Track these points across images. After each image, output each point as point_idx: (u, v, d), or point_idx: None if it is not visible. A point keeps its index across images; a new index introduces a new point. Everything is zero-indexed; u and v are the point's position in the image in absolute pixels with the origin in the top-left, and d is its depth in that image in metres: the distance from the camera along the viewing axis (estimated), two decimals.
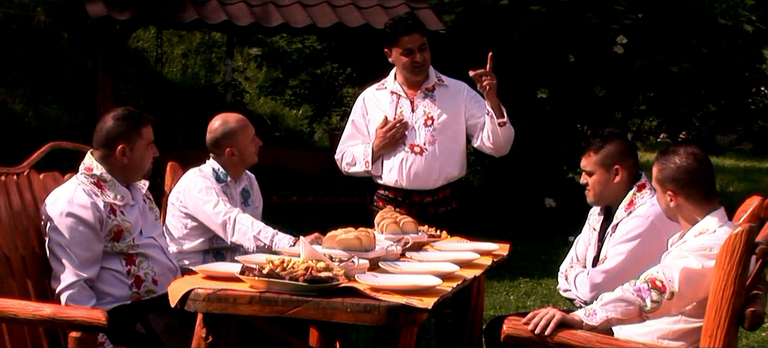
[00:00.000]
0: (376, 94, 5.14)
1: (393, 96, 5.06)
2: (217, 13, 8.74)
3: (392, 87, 5.08)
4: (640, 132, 12.56)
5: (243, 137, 4.63)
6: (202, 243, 4.58)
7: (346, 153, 5.16)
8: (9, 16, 11.11)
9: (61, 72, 11.26)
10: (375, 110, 5.09)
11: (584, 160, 4.17)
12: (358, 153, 5.09)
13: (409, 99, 5.04)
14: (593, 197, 4.18)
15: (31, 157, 4.14)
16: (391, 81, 5.11)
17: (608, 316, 3.31)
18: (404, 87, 5.06)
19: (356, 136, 5.15)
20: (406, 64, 4.97)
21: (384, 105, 5.07)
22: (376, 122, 5.05)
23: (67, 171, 4.16)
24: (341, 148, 5.20)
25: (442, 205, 5.04)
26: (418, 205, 4.99)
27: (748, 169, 16.86)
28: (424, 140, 4.98)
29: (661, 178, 3.55)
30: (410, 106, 5.03)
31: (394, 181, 5.01)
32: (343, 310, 3.00)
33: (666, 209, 3.59)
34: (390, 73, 5.13)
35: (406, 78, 5.06)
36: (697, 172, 3.51)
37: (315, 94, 12.06)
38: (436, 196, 5.03)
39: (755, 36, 10.80)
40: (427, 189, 5.00)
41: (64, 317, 3.35)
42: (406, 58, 4.96)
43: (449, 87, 5.09)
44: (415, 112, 5.02)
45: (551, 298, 7.29)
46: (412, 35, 4.95)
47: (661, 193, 3.58)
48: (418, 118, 5.01)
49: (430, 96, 5.04)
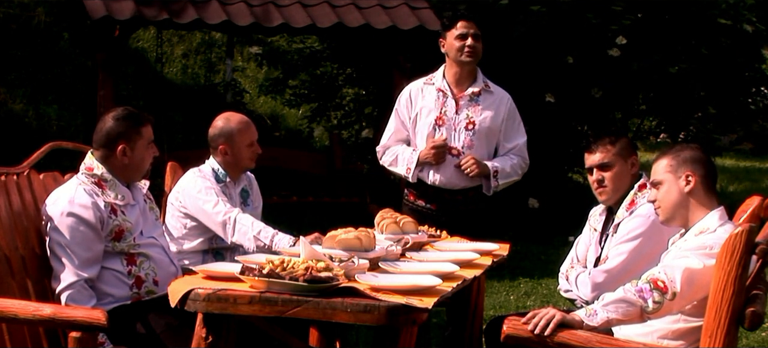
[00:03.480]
0: (423, 89, 5.15)
1: (439, 93, 5.09)
2: (217, 13, 8.74)
3: (440, 84, 5.10)
4: (640, 132, 12.56)
5: (239, 139, 4.61)
6: (201, 243, 4.58)
7: (389, 150, 5.18)
8: (9, 16, 11.11)
9: (61, 72, 11.26)
10: (420, 105, 5.11)
11: (600, 154, 4.12)
12: (403, 157, 5.11)
13: (455, 99, 5.06)
14: (610, 193, 4.12)
15: (31, 157, 4.14)
16: (439, 77, 5.13)
17: (609, 317, 3.31)
18: (452, 86, 5.08)
19: (401, 130, 5.17)
20: (458, 47, 5.02)
21: (429, 101, 5.09)
22: (422, 118, 5.08)
23: (67, 171, 4.16)
24: (385, 142, 5.21)
25: (472, 204, 5.09)
26: (449, 202, 5.04)
27: (748, 169, 16.87)
28: (463, 143, 5.03)
29: (675, 164, 3.50)
30: (455, 107, 5.05)
31: (430, 179, 5.05)
32: (343, 310, 3.00)
33: (676, 198, 3.49)
34: (439, 69, 5.15)
35: (454, 73, 5.08)
36: (708, 162, 3.54)
37: (315, 94, 12.07)
38: (467, 195, 5.07)
39: (755, 36, 10.80)
40: (457, 189, 5.05)
41: (64, 317, 3.35)
42: (459, 42, 5.01)
43: (494, 94, 5.14)
44: (459, 113, 5.05)
45: (551, 298, 7.29)
46: (469, 22, 5.03)
47: (673, 181, 3.50)
48: (461, 120, 5.04)
49: (475, 100, 5.08)
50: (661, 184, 3.54)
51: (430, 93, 5.11)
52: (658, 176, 3.55)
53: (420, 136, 5.09)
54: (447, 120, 5.04)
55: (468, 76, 5.09)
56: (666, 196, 3.53)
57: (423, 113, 5.09)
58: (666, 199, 3.53)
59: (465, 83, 5.08)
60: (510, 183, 5.14)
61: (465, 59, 5.03)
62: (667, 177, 3.52)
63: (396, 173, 5.19)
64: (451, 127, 5.04)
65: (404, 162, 5.10)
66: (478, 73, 5.13)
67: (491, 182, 5.04)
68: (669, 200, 3.52)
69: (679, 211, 3.51)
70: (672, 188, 3.51)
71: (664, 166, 3.53)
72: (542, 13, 9.68)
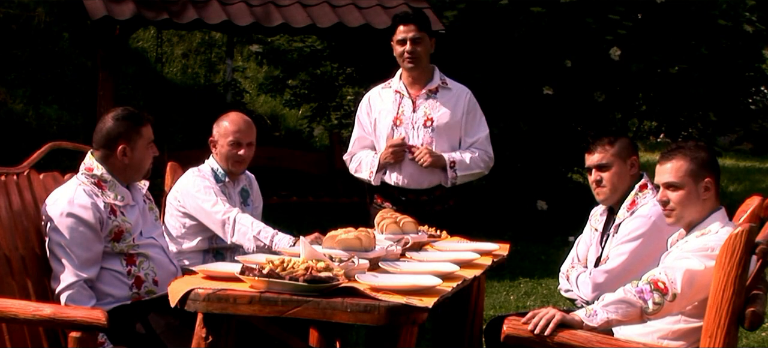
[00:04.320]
0: (381, 93, 5.17)
1: (396, 95, 5.09)
2: (217, 13, 8.75)
3: (396, 86, 5.11)
4: (640, 132, 12.57)
5: (223, 134, 4.60)
6: (200, 242, 4.58)
7: (354, 156, 5.19)
8: (9, 16, 11.11)
9: (61, 72, 11.26)
10: (378, 109, 5.12)
11: (599, 154, 4.11)
12: (366, 161, 5.12)
13: (411, 99, 5.05)
14: (608, 193, 4.11)
15: (31, 157, 4.14)
16: (396, 80, 5.14)
17: (609, 317, 3.31)
18: (408, 86, 5.08)
19: (363, 136, 5.18)
20: (399, 53, 5.02)
21: (387, 104, 5.10)
22: (380, 121, 5.08)
23: (67, 171, 4.16)
24: (351, 150, 5.23)
25: (439, 203, 5.06)
26: (414, 204, 5.00)
27: (748, 169, 16.86)
28: (422, 141, 5.01)
29: (695, 169, 3.45)
30: (412, 106, 5.05)
31: (394, 180, 5.04)
32: (343, 310, 3.00)
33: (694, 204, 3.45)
34: (397, 72, 5.15)
35: (407, 75, 5.07)
36: (718, 163, 3.54)
37: (315, 94, 12.06)
38: (433, 194, 5.05)
39: (755, 36, 10.80)
40: (422, 188, 5.03)
41: (64, 317, 3.35)
42: (399, 47, 5.01)
43: (452, 90, 5.11)
44: (416, 112, 5.04)
45: (551, 298, 7.29)
46: (408, 25, 4.99)
47: (692, 187, 3.45)
48: (418, 118, 5.03)
49: (432, 97, 5.06)
50: (678, 188, 3.48)
51: (388, 96, 5.11)
52: (674, 179, 3.48)
53: (381, 139, 5.09)
54: (404, 119, 5.03)
55: (422, 76, 5.08)
56: (684, 200, 3.47)
57: (381, 116, 5.09)
58: (685, 204, 3.48)
59: (420, 83, 5.07)
60: (472, 176, 5.09)
61: (406, 65, 5.03)
62: (687, 182, 3.47)
63: (362, 179, 5.18)
64: (409, 125, 5.03)
65: (367, 166, 5.10)
66: (435, 72, 5.11)
67: (449, 174, 4.99)
68: (688, 205, 3.48)
69: (691, 215, 3.49)
70: (692, 194, 3.47)
71: (684, 170, 3.47)
72: (542, 14, 9.68)
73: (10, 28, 11.04)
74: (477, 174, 5.12)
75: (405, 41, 4.99)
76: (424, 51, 5.03)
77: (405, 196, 5.04)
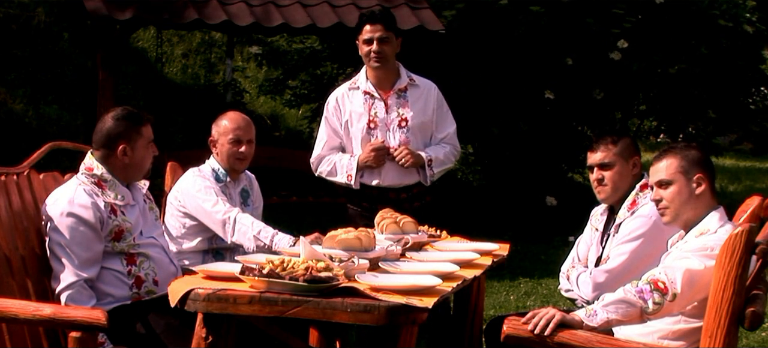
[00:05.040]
0: (349, 94, 5.12)
1: (366, 96, 5.06)
2: (217, 13, 8.75)
3: (365, 87, 5.07)
4: (640, 132, 12.57)
5: (223, 132, 4.61)
6: (200, 242, 4.58)
7: (324, 159, 5.12)
8: (9, 16, 11.11)
9: (61, 72, 11.26)
10: (349, 110, 5.08)
11: (601, 153, 4.11)
12: (341, 164, 5.07)
13: (382, 100, 5.04)
14: (609, 192, 4.11)
15: (31, 157, 4.14)
16: (363, 80, 5.09)
17: (609, 317, 3.31)
18: (376, 86, 5.06)
19: (333, 138, 5.12)
20: (365, 53, 5.00)
21: (357, 105, 5.06)
22: (353, 123, 5.05)
23: (67, 171, 4.16)
24: (319, 153, 5.15)
25: (417, 200, 5.08)
26: (394, 202, 4.97)
27: (748, 169, 16.87)
28: (399, 142, 5.01)
29: (685, 165, 3.47)
30: (384, 107, 5.04)
31: (375, 182, 5.03)
32: (343, 310, 3.00)
33: (687, 200, 3.47)
34: (361, 71, 5.12)
35: (374, 74, 5.06)
36: (711, 163, 3.55)
37: (315, 94, 12.06)
38: (411, 192, 5.07)
39: (755, 37, 10.81)
40: (402, 186, 5.04)
41: (64, 317, 3.35)
42: (366, 47, 4.99)
43: (420, 87, 5.11)
44: (390, 113, 5.03)
45: (551, 298, 7.29)
46: (375, 25, 4.98)
47: (684, 183, 3.47)
48: (393, 119, 5.03)
49: (403, 97, 5.06)
50: (669, 185, 3.50)
51: (357, 97, 5.08)
52: (665, 176, 3.50)
53: (355, 141, 5.05)
54: (379, 121, 5.02)
55: (389, 75, 5.06)
56: (677, 197, 3.49)
57: (353, 118, 5.05)
58: (677, 201, 3.49)
59: (388, 82, 5.06)
60: (444, 171, 5.14)
61: (373, 64, 5.01)
62: (678, 178, 3.48)
63: (336, 182, 5.12)
64: (385, 127, 5.02)
65: (343, 170, 5.05)
66: (401, 69, 5.10)
67: (427, 172, 5.01)
68: (679, 201, 3.49)
69: (687, 213, 3.49)
70: (683, 190, 3.48)
71: (675, 167, 3.49)
72: (542, 13, 9.68)
73: (10, 28, 11.04)
74: (448, 168, 5.19)
75: (371, 41, 4.96)
76: (390, 50, 5.01)
77: (383, 195, 5.02)
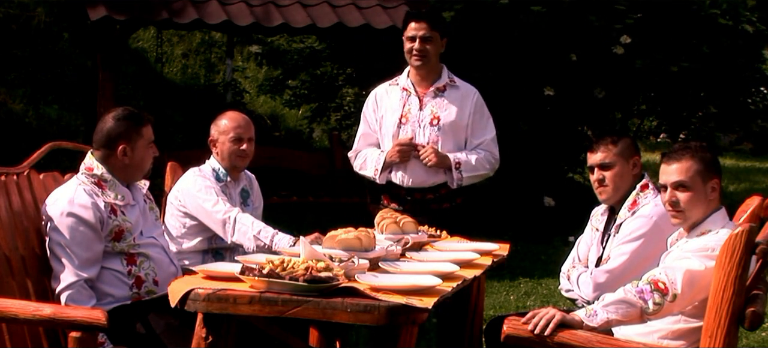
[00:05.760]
0: (388, 90, 5.14)
1: (403, 93, 5.07)
2: (217, 13, 8.75)
3: (404, 83, 5.08)
4: (640, 132, 12.57)
5: (224, 131, 4.61)
6: (200, 242, 4.58)
7: (359, 153, 5.16)
8: (9, 16, 11.11)
9: (61, 72, 11.26)
10: (385, 106, 5.09)
11: (602, 153, 4.11)
12: (371, 159, 5.08)
13: (418, 96, 5.03)
14: (610, 192, 4.11)
15: (31, 157, 4.14)
16: (403, 77, 5.11)
17: (609, 317, 3.30)
18: (415, 84, 5.06)
19: (369, 133, 5.15)
20: (408, 50, 5.00)
21: (394, 101, 5.07)
22: (386, 118, 5.06)
23: (67, 171, 4.16)
24: (356, 147, 5.20)
25: (446, 201, 5.04)
26: (420, 203, 4.99)
27: (748, 169, 16.87)
28: (428, 139, 4.98)
29: (703, 170, 3.46)
30: (418, 104, 5.02)
31: (399, 179, 5.02)
32: (343, 310, 3.00)
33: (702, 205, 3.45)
34: (405, 70, 5.13)
35: (415, 73, 5.05)
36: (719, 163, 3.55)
37: (315, 94, 12.07)
38: (439, 193, 5.02)
39: (755, 36, 10.81)
40: (426, 186, 5.01)
41: (64, 317, 3.35)
42: (408, 44, 4.99)
43: (460, 89, 5.09)
44: (423, 110, 5.02)
45: (551, 298, 7.29)
46: (419, 23, 4.97)
47: (701, 188, 3.45)
48: (425, 116, 5.01)
49: (440, 96, 5.04)
50: (687, 189, 3.47)
51: (395, 93, 5.08)
52: (685, 178, 3.47)
53: (386, 137, 5.06)
54: (411, 117, 5.01)
55: (430, 75, 5.05)
56: (695, 201, 3.48)
57: (387, 114, 5.06)
58: (693, 205, 3.48)
59: (428, 81, 5.05)
60: (478, 177, 5.07)
61: (414, 62, 5.01)
62: (696, 183, 3.47)
63: (366, 176, 5.14)
64: (416, 123, 5.00)
65: (372, 163, 5.06)
66: (443, 70, 5.08)
67: (454, 175, 4.97)
68: (695, 206, 3.48)
69: (696, 216, 3.49)
70: (701, 196, 3.47)
71: (693, 171, 3.47)
72: (542, 13, 9.68)
73: (10, 28, 11.04)
74: (482, 176, 5.09)
75: (415, 39, 4.97)
76: (433, 50, 5.00)
77: (411, 196, 5.02)
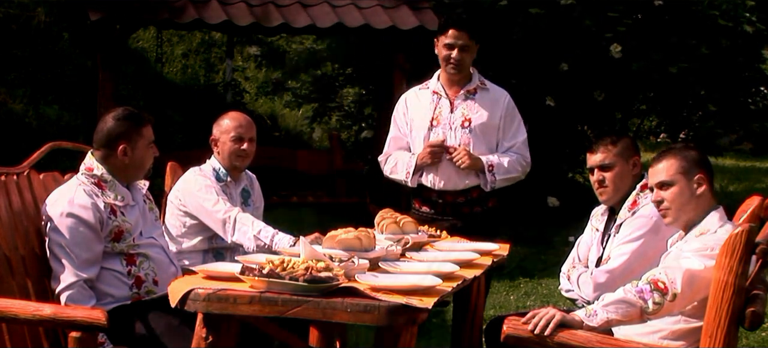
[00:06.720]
0: (418, 94, 5.12)
1: (434, 96, 5.04)
2: (217, 13, 8.75)
3: (434, 86, 5.06)
4: (640, 132, 12.57)
5: (225, 130, 4.62)
6: (200, 242, 4.58)
7: (390, 157, 5.12)
8: (9, 16, 11.11)
9: (61, 72, 11.27)
10: (415, 109, 5.07)
11: (601, 154, 4.11)
12: (402, 162, 5.04)
13: (449, 99, 5.02)
14: (610, 193, 4.11)
15: (31, 157, 4.14)
16: (434, 81, 5.09)
17: (609, 317, 3.31)
18: (445, 87, 5.04)
19: (399, 137, 5.12)
20: (443, 57, 4.97)
21: (424, 104, 5.04)
22: (417, 121, 5.03)
23: (67, 171, 4.15)
24: (387, 150, 5.16)
25: (477, 205, 5.02)
26: (452, 206, 4.97)
27: (748, 169, 16.86)
28: (460, 141, 4.95)
29: (685, 165, 3.48)
30: (449, 106, 5.00)
31: (430, 182, 5.00)
32: (343, 310, 3.00)
33: (688, 201, 3.47)
34: (435, 73, 5.11)
35: (447, 77, 5.04)
36: (710, 163, 3.55)
37: (315, 95, 12.07)
38: (470, 196, 5.01)
39: (755, 36, 10.80)
40: (458, 189, 4.99)
41: (64, 317, 3.35)
42: (446, 51, 4.96)
43: (491, 92, 5.07)
44: (454, 112, 4.99)
45: (551, 298, 7.29)
46: (461, 31, 4.93)
47: (684, 184, 3.47)
48: (456, 119, 4.99)
49: (470, 98, 5.02)
50: (670, 186, 3.50)
51: (425, 96, 5.06)
52: (666, 177, 3.51)
53: (417, 140, 5.03)
54: (442, 120, 4.99)
55: (461, 79, 5.03)
56: (678, 198, 3.50)
57: (418, 117, 5.03)
58: (678, 201, 3.50)
59: (459, 84, 5.03)
60: (510, 180, 5.05)
61: (449, 70, 4.99)
62: (678, 179, 3.49)
63: (398, 180, 5.10)
64: (447, 126, 4.97)
65: (403, 167, 5.03)
66: (474, 74, 5.06)
67: (487, 177, 4.95)
68: (681, 202, 3.49)
69: (688, 213, 3.50)
70: (684, 191, 3.49)
71: (675, 168, 3.49)
72: (541, 15, 9.68)
73: (10, 28, 11.05)
74: (514, 178, 5.06)
75: (453, 47, 4.93)
76: (469, 59, 4.99)
77: (442, 199, 5.00)
